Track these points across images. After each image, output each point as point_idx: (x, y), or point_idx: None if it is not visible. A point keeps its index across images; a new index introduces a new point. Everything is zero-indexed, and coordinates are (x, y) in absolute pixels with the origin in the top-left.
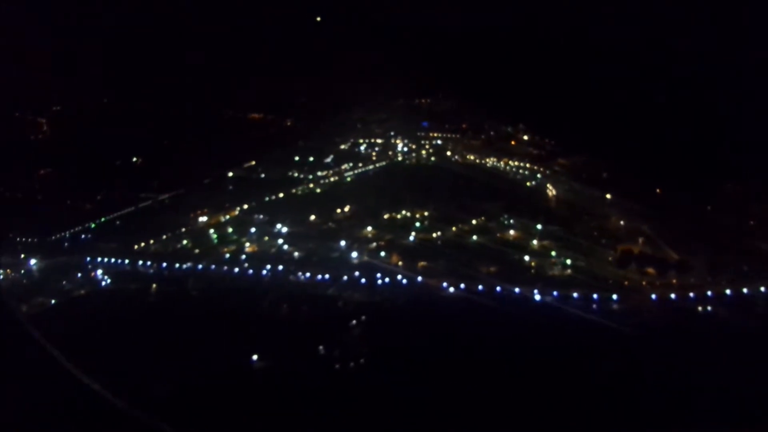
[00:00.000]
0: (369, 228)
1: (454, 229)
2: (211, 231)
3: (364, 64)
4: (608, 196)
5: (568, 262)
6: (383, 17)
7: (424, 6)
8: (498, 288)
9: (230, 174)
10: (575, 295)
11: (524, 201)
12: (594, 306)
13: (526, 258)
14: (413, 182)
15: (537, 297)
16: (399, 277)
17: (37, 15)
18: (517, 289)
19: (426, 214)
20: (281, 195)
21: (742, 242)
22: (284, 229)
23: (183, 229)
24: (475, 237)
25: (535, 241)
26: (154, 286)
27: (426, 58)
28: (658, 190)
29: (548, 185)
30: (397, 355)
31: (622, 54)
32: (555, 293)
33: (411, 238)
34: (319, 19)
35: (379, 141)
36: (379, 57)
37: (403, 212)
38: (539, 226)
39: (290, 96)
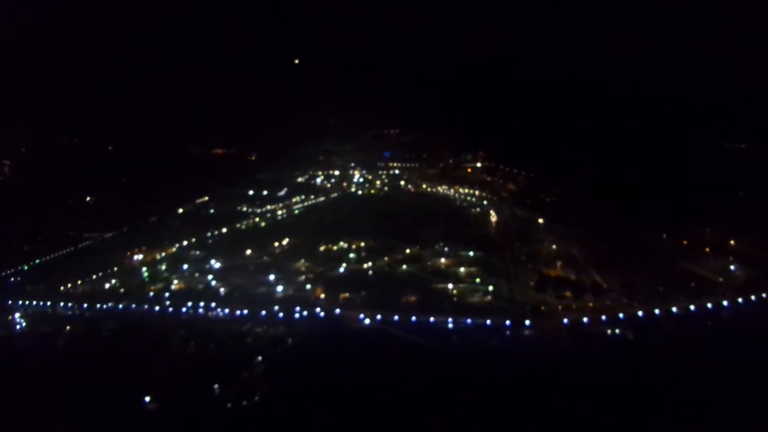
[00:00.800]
0: (302, 261)
1: (386, 259)
2: (144, 269)
3: (333, 97)
4: (540, 220)
5: (491, 288)
6: (355, 52)
7: (396, 42)
8: (413, 318)
9: (180, 210)
10: (488, 322)
11: (464, 228)
12: (507, 332)
13: (450, 286)
14: (358, 213)
15: (450, 326)
16: (318, 310)
17: None
18: (432, 319)
19: (362, 244)
20: (224, 230)
21: (671, 264)
22: (217, 265)
23: (116, 268)
24: (404, 266)
25: (462, 269)
26: (68, 327)
27: (396, 90)
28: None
29: (491, 211)
30: (296, 391)
31: (579, 87)
32: (468, 321)
33: (341, 269)
34: (297, 61)
35: (336, 173)
36: (350, 90)
37: (341, 244)
38: (471, 253)
39: (259, 129)
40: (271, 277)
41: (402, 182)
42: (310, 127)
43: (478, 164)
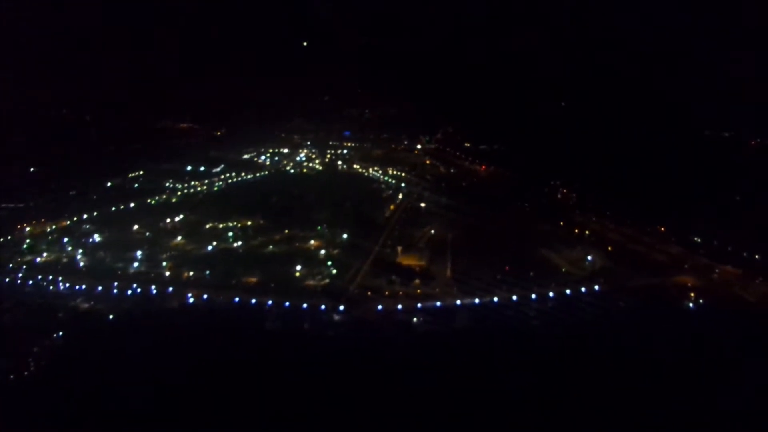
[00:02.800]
0: (179, 238)
1: (259, 239)
2: (27, 241)
3: (313, 78)
4: (423, 204)
5: (334, 271)
6: (336, 35)
7: (380, 23)
8: (236, 299)
9: (108, 184)
10: (304, 305)
11: (360, 210)
12: (323, 317)
13: (298, 267)
14: (269, 192)
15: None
16: (152, 287)
17: None
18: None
19: (249, 223)
20: (132, 204)
21: (532, 252)
22: (96, 239)
23: (6, 238)
24: (271, 247)
25: (324, 251)
26: None
27: (372, 72)
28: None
29: (400, 195)
30: (88, 365)
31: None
32: (286, 304)
33: (209, 248)
34: (305, 44)
35: (285, 151)
36: (327, 71)
37: (228, 222)
38: (345, 236)
39: (236, 107)
40: (138, 253)
41: (339, 162)
42: (287, 105)
43: (433, 146)
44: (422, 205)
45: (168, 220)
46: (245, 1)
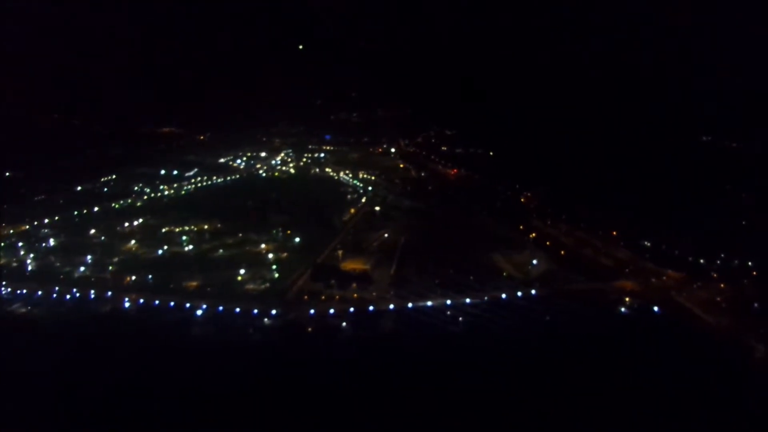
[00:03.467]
0: (133, 242)
1: (212, 243)
2: None
3: (305, 81)
4: (378, 208)
5: (276, 275)
6: (329, 40)
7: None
8: (172, 303)
9: (79, 188)
10: (237, 309)
11: (321, 214)
12: (256, 321)
13: (242, 272)
14: (236, 195)
15: (199, 312)
16: (92, 291)
17: None
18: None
19: (206, 227)
20: (96, 209)
21: (480, 257)
22: (50, 244)
23: None
24: (221, 251)
25: (272, 255)
26: None
27: (364, 76)
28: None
29: (363, 199)
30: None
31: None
32: (220, 308)
33: (159, 252)
34: (301, 47)
35: (263, 154)
36: (319, 75)
37: (185, 227)
38: (297, 239)
39: (224, 111)
40: (88, 257)
41: (313, 166)
42: (275, 109)
43: (411, 149)
44: (377, 209)
45: (126, 225)
46: (238, 5)
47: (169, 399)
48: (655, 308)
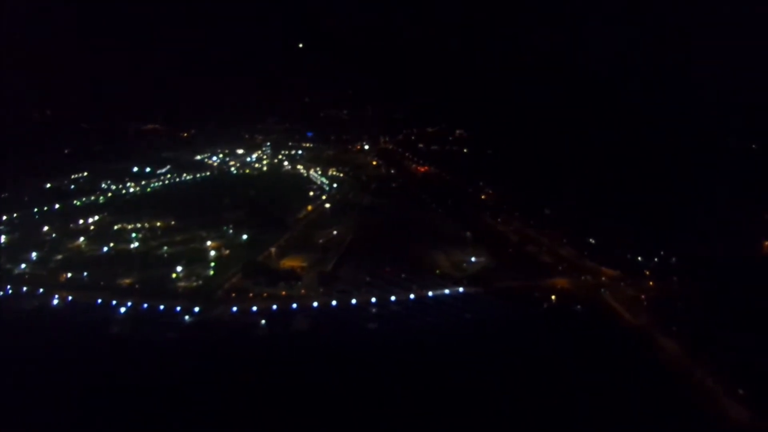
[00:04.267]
0: (82, 239)
1: (159, 240)
2: None
3: (301, 79)
4: (328, 206)
5: (211, 273)
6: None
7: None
8: (99, 301)
9: (48, 185)
10: (161, 307)
11: (278, 211)
12: (177, 319)
13: (178, 269)
14: (200, 193)
15: (122, 309)
16: (25, 288)
17: None
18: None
19: (158, 224)
20: (57, 206)
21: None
22: (2, 240)
23: None
24: (166, 248)
25: (214, 252)
26: None
27: (359, 74)
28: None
29: (324, 196)
30: None
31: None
32: (145, 305)
33: (105, 249)
34: (301, 45)
35: (240, 151)
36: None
37: (139, 223)
38: (245, 236)
39: (212, 108)
40: (33, 254)
41: (285, 163)
42: (266, 105)
43: (390, 147)
44: (327, 206)
45: (81, 222)
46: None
47: (77, 396)
48: (578, 306)
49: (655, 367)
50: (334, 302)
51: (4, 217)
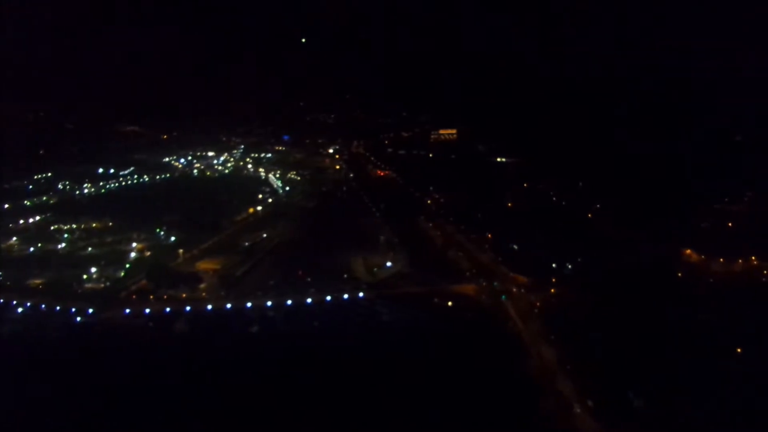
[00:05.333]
0: (14, 239)
1: (87, 240)
2: None
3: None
4: (253, 209)
5: (122, 274)
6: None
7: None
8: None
9: (6, 186)
10: (57, 308)
11: (216, 214)
12: (70, 320)
13: (92, 270)
14: (150, 195)
15: (20, 310)
16: None
17: None
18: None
19: (93, 225)
20: (6, 206)
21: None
22: None
23: None
24: (90, 249)
25: (134, 254)
26: None
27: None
28: None
29: (270, 199)
30: None
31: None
32: (42, 306)
33: (31, 250)
34: (303, 40)
35: (210, 153)
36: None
37: (75, 224)
38: (173, 238)
39: (199, 111)
40: None
41: (250, 166)
42: (253, 108)
43: (362, 151)
44: (256, 208)
45: (21, 222)
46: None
47: None
48: (469, 313)
49: (518, 375)
50: (228, 305)
51: None
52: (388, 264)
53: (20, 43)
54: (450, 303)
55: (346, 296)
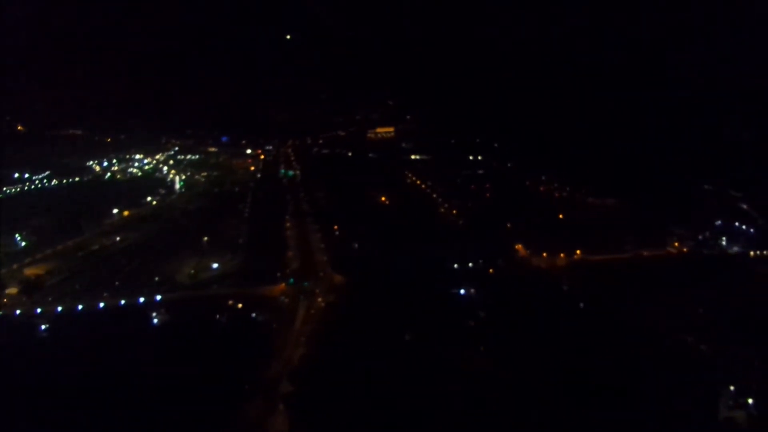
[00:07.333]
0: None
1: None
2: None
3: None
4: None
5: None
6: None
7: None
8: None
9: None
10: None
11: (91, 217)
12: None
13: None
14: (37, 200)
15: None
16: None
17: None
18: None
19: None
20: None
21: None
22: None
23: None
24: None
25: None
26: None
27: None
28: None
29: (154, 202)
30: None
31: None
32: None
33: None
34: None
35: (138, 156)
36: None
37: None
38: (24, 244)
39: (150, 112)
40: None
41: (164, 168)
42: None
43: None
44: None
45: None
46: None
47: None
48: (253, 314)
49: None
50: (17, 311)
51: None
52: (215, 266)
53: None
54: (240, 305)
55: (141, 299)
